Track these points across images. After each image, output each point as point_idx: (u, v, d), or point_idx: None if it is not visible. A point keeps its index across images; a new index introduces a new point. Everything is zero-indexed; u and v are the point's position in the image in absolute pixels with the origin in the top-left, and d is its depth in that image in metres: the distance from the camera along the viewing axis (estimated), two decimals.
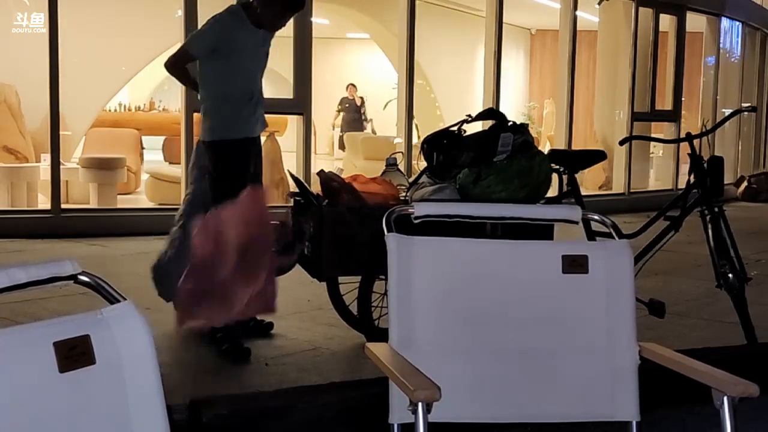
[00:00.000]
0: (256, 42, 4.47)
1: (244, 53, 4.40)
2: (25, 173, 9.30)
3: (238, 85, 4.42)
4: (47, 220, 7.86)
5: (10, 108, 10.15)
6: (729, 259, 4.33)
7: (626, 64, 11.66)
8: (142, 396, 1.58)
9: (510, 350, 2.14)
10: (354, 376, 3.74)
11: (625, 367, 2.12)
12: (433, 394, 1.71)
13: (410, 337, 2.07)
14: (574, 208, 2.28)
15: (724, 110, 13.24)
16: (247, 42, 4.40)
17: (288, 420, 3.37)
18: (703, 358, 2.05)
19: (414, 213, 2.18)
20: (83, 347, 1.51)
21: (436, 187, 4.05)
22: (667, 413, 3.47)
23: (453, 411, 2.02)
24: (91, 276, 1.62)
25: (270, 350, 4.15)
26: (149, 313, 5.11)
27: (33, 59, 9.02)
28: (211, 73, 4.42)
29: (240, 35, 4.37)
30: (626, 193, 11.44)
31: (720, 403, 1.84)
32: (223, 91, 4.41)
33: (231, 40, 4.35)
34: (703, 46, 14.03)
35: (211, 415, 3.25)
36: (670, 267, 6.23)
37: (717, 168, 4.47)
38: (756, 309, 4.47)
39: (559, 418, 2.18)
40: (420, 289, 2.09)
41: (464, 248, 2.17)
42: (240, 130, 4.42)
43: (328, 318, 4.54)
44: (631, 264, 2.20)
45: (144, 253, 7.00)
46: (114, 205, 9.29)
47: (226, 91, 4.41)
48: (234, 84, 4.40)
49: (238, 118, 4.41)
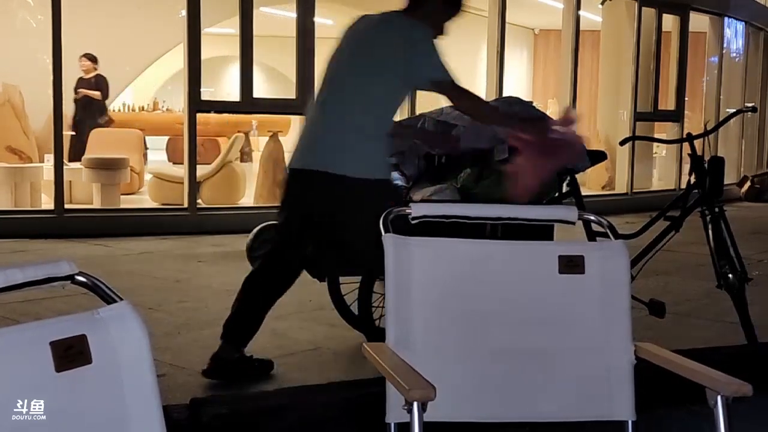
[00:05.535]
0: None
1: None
2: (29, 173, 9.34)
3: (394, 113, 3.72)
4: (50, 220, 7.88)
5: (14, 108, 10.20)
6: (729, 259, 4.33)
7: (629, 64, 11.65)
8: (138, 395, 1.59)
9: (506, 350, 2.15)
10: (355, 375, 3.74)
11: (621, 366, 2.13)
12: (428, 394, 1.72)
13: (407, 337, 2.08)
14: (570, 208, 2.29)
15: (727, 110, 13.22)
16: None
17: (288, 420, 3.38)
18: (704, 358, 2.06)
19: (411, 213, 2.19)
20: (80, 347, 1.52)
21: (437, 187, 4.05)
22: (667, 412, 3.48)
23: (449, 410, 2.04)
24: (88, 276, 1.63)
25: (271, 350, 4.15)
26: (151, 312, 5.14)
27: (37, 59, 9.07)
28: (385, 96, 3.59)
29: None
30: (629, 193, 11.43)
31: (714, 403, 1.85)
32: (387, 119, 3.64)
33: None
34: (706, 46, 14.01)
35: (211, 414, 3.26)
36: (670, 267, 6.24)
37: (717, 168, 4.47)
38: (756, 309, 4.47)
39: (555, 418, 2.19)
40: (417, 289, 2.10)
41: (460, 249, 2.18)
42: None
43: (329, 318, 4.54)
44: (628, 264, 2.21)
45: (147, 253, 7.04)
46: (117, 206, 9.32)
47: (389, 120, 3.66)
48: (394, 112, 3.69)
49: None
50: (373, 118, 3.53)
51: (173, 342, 4.23)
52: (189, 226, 8.17)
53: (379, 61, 3.56)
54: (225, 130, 12.66)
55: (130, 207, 9.50)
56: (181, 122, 8.94)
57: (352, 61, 3.64)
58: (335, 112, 3.57)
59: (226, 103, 12.32)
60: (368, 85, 3.54)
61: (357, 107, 3.53)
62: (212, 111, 10.09)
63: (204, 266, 6.54)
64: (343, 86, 3.61)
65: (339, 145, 3.51)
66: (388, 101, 3.59)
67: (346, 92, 3.59)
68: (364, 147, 3.50)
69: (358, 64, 3.61)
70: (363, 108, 3.53)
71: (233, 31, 9.10)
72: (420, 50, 3.53)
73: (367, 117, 3.52)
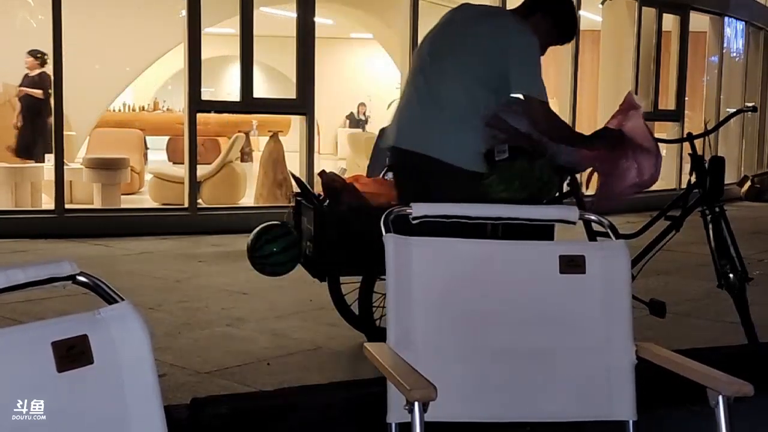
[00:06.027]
0: None
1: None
2: (29, 173, 9.34)
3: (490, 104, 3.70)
4: (51, 220, 7.88)
5: (14, 108, 10.20)
6: (730, 258, 4.33)
7: (629, 63, 11.65)
8: (140, 396, 1.59)
9: (507, 350, 2.15)
10: (355, 375, 3.74)
11: (622, 366, 2.13)
12: (429, 394, 1.72)
13: (408, 337, 2.08)
14: (571, 208, 2.29)
15: (728, 110, 13.22)
16: None
17: (289, 420, 3.39)
18: (704, 358, 2.06)
19: (412, 213, 2.19)
20: (81, 347, 1.52)
21: None
22: (668, 413, 3.48)
23: (450, 411, 2.04)
24: (90, 276, 1.63)
25: (271, 350, 4.16)
26: (152, 312, 5.14)
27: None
28: (484, 88, 3.61)
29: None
30: None
31: (715, 403, 1.85)
32: (482, 110, 3.65)
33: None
34: (706, 45, 14.01)
35: (211, 414, 3.26)
36: (671, 267, 6.24)
37: (718, 168, 4.47)
38: (757, 308, 4.47)
39: (556, 418, 2.19)
40: (417, 289, 2.10)
41: (461, 248, 2.18)
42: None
43: (330, 318, 4.55)
44: (628, 264, 2.21)
45: (147, 253, 7.04)
46: (118, 206, 9.33)
47: (483, 110, 3.66)
48: (490, 103, 3.68)
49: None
50: (472, 106, 3.57)
51: (174, 342, 4.23)
52: (189, 226, 8.18)
53: (484, 54, 3.57)
54: (225, 130, 12.67)
55: (131, 207, 9.52)
56: (181, 122, 8.94)
57: (456, 48, 3.63)
58: (437, 98, 3.59)
59: (226, 103, 12.33)
60: (468, 73, 3.56)
61: (458, 95, 3.56)
62: (212, 111, 10.09)
63: (204, 266, 6.54)
64: (444, 71, 3.61)
65: (438, 129, 3.55)
66: (486, 93, 3.60)
67: (447, 77, 3.60)
68: (463, 136, 3.55)
69: (464, 52, 3.61)
70: (463, 96, 3.56)
71: (233, 31, 9.11)
72: (526, 60, 3.56)
73: (467, 105, 3.56)
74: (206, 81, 8.83)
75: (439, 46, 3.71)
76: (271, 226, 4.17)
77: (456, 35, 3.68)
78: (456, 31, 3.69)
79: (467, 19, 3.71)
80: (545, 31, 3.72)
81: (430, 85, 3.63)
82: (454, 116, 3.57)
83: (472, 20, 3.70)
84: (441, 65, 3.63)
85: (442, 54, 3.66)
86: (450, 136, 3.56)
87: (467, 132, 3.57)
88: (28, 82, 10.28)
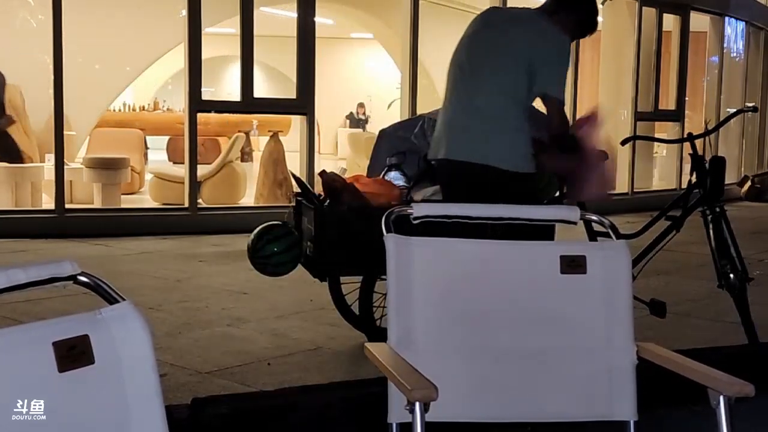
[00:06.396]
0: None
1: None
2: (30, 173, 9.34)
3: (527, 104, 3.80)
4: (51, 220, 7.88)
5: (15, 108, 10.18)
6: (730, 258, 4.33)
7: (630, 63, 11.65)
8: (141, 396, 1.59)
9: (508, 350, 2.15)
10: (356, 375, 3.74)
11: (623, 366, 2.13)
12: (430, 394, 1.72)
13: (409, 337, 2.08)
14: (572, 208, 2.28)
15: (728, 110, 13.22)
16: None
17: (289, 420, 3.38)
18: (704, 358, 2.06)
19: (413, 213, 2.19)
20: (82, 347, 1.52)
21: (437, 187, 4.05)
22: (668, 413, 3.48)
23: (451, 411, 2.03)
24: (91, 276, 1.63)
25: (272, 350, 4.16)
26: (152, 312, 5.15)
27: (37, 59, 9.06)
28: (521, 88, 3.69)
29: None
30: (629, 193, 11.42)
31: (716, 403, 1.84)
32: (523, 110, 3.74)
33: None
34: (706, 45, 14.01)
35: (212, 414, 3.26)
36: (671, 267, 6.24)
37: (718, 168, 4.47)
38: (757, 308, 4.47)
39: (557, 418, 2.19)
40: (418, 290, 2.10)
41: (462, 249, 2.18)
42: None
43: (330, 318, 4.55)
44: (629, 264, 2.20)
45: (147, 253, 7.04)
46: (118, 205, 9.33)
47: (525, 110, 3.76)
48: (528, 103, 3.79)
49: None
50: (513, 109, 3.67)
51: (174, 342, 4.23)
52: (189, 226, 8.18)
53: (522, 58, 3.65)
54: (225, 129, 12.68)
55: (131, 207, 9.52)
56: (181, 122, 8.94)
57: (495, 55, 3.72)
58: (482, 107, 3.68)
59: (226, 102, 12.32)
60: (506, 77, 3.66)
61: (498, 98, 3.66)
62: (213, 111, 10.09)
63: (204, 266, 6.54)
64: (482, 77, 3.71)
65: (482, 135, 3.66)
66: (523, 93, 3.69)
67: (485, 83, 3.70)
68: (515, 141, 3.66)
69: (502, 58, 3.70)
70: (503, 98, 3.66)
71: (233, 31, 9.11)
72: (556, 62, 3.69)
73: (507, 108, 3.66)
74: (206, 81, 8.83)
75: (476, 54, 3.79)
76: (272, 226, 4.17)
77: (492, 42, 3.77)
78: (491, 38, 3.79)
79: (501, 24, 3.84)
80: (569, 29, 3.82)
81: (474, 95, 3.72)
82: (504, 123, 3.68)
83: (507, 24, 3.82)
84: (481, 73, 3.72)
85: (481, 62, 3.75)
86: (504, 144, 3.67)
87: (517, 136, 3.68)
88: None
